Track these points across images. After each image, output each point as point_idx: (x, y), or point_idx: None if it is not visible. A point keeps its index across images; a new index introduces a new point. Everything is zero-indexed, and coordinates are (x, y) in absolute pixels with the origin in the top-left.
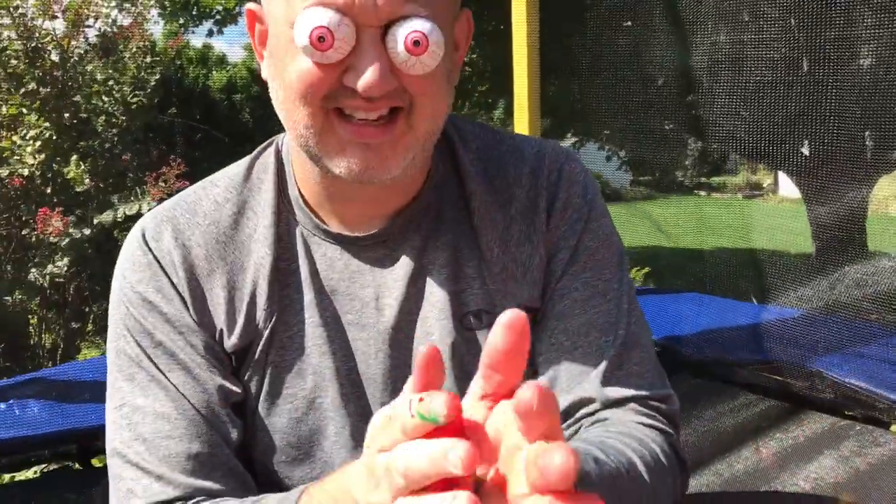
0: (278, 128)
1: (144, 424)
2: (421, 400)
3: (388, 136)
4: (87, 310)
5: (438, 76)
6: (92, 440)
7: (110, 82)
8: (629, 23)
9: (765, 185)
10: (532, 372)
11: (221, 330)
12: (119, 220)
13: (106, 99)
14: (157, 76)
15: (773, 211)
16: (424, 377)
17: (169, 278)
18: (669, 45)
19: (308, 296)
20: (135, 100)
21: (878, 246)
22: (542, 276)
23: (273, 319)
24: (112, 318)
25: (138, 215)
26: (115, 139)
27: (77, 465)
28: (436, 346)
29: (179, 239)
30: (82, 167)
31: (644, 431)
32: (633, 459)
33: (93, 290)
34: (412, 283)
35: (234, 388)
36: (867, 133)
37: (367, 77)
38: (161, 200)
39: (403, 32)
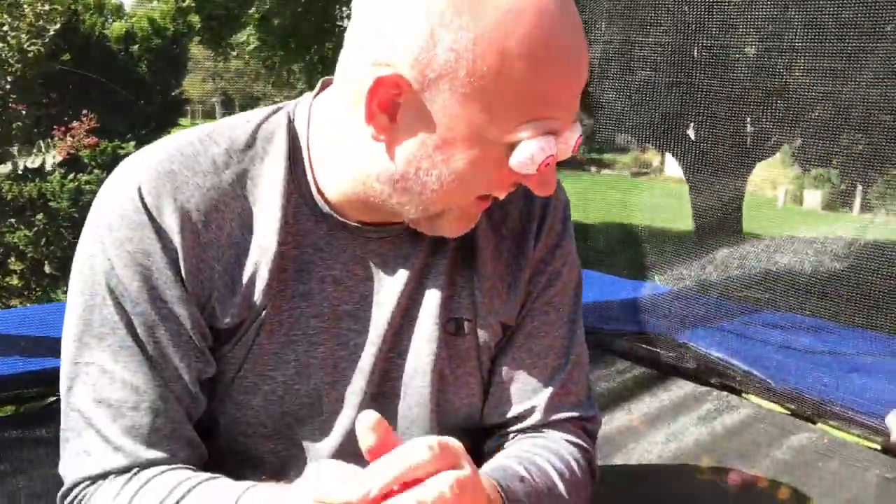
0: (174, 81)
1: (112, 391)
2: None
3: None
4: None
5: None
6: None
7: (5, 27)
8: None
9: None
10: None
11: (214, 303)
12: (19, 172)
13: (0, 45)
14: (57, 25)
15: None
16: (379, 449)
17: (163, 243)
18: None
19: (308, 284)
20: (32, 48)
21: (752, 227)
22: (523, 295)
23: (269, 305)
24: (87, 267)
25: (41, 169)
26: (9, 87)
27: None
28: (374, 413)
29: (179, 199)
30: None
31: (569, 449)
32: (553, 478)
33: None
34: (413, 282)
35: (209, 367)
36: (748, 120)
37: (551, 185)
38: (69, 155)
39: (575, 136)
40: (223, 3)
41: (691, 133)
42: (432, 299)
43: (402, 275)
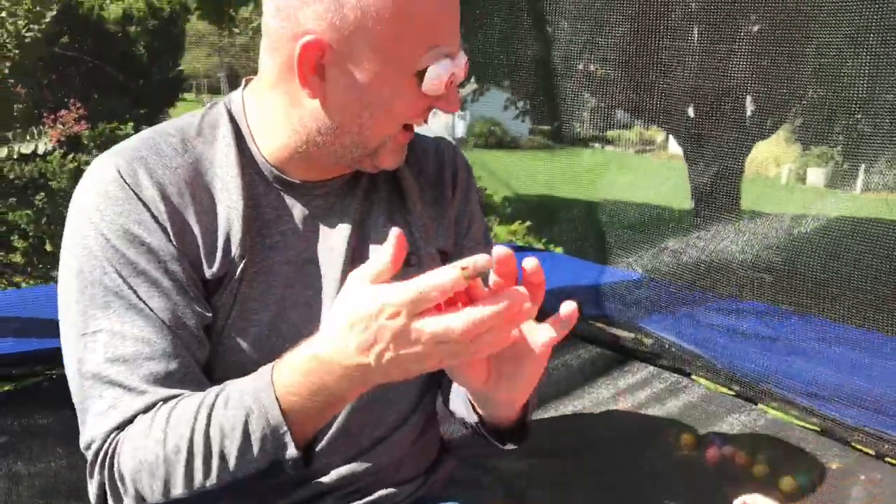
0: (172, 61)
1: (125, 347)
2: (464, 268)
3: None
4: None
5: None
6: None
7: (3, 13)
8: None
9: (657, 142)
10: None
11: (201, 259)
12: (14, 157)
13: None
14: (54, 11)
15: (662, 167)
16: (398, 252)
17: (150, 211)
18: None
19: (274, 238)
20: (29, 34)
21: (751, 206)
22: (451, 231)
23: (245, 258)
24: (79, 249)
25: (34, 154)
26: (6, 71)
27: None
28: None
29: (154, 177)
30: None
31: None
32: None
33: None
34: (358, 226)
35: (206, 313)
36: (748, 99)
37: (456, 103)
38: (60, 142)
39: (462, 61)
40: None
41: (691, 111)
42: (378, 239)
43: (346, 223)
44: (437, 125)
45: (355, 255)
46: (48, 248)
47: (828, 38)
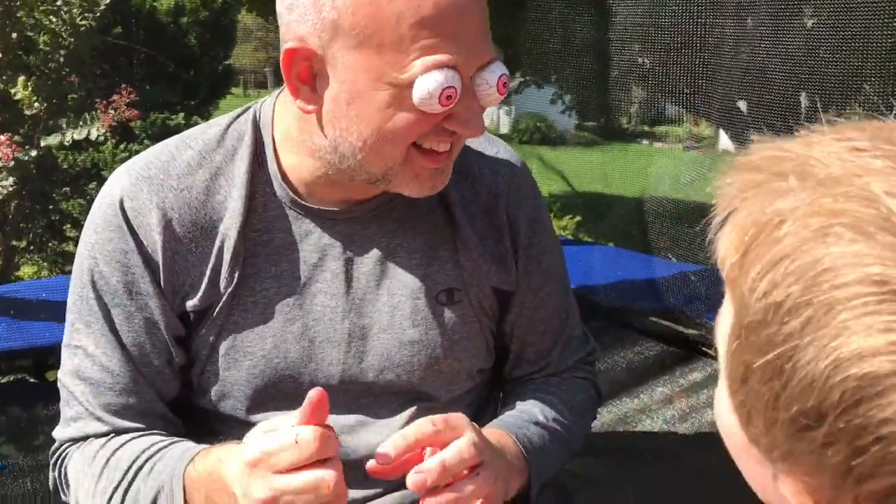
0: (223, 53)
1: (92, 371)
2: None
3: (450, 160)
4: (26, 228)
5: None
6: (47, 356)
7: (58, 2)
8: None
9: (706, 137)
10: (496, 340)
11: (187, 289)
12: (66, 143)
13: (53, 19)
14: (108, 0)
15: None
16: (312, 415)
17: (139, 243)
18: None
19: (279, 266)
20: (83, 22)
21: None
22: (510, 265)
23: (234, 284)
24: (80, 262)
25: (87, 140)
26: (62, 60)
27: (32, 379)
28: (323, 390)
29: (154, 200)
30: (29, 88)
31: (578, 384)
32: (565, 414)
33: (33, 209)
34: (383, 259)
35: (180, 352)
36: (802, 94)
37: (473, 124)
38: (111, 128)
39: (494, 77)
40: None
41: (742, 106)
42: (408, 275)
43: (372, 253)
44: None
45: (375, 291)
46: None
47: (883, 30)
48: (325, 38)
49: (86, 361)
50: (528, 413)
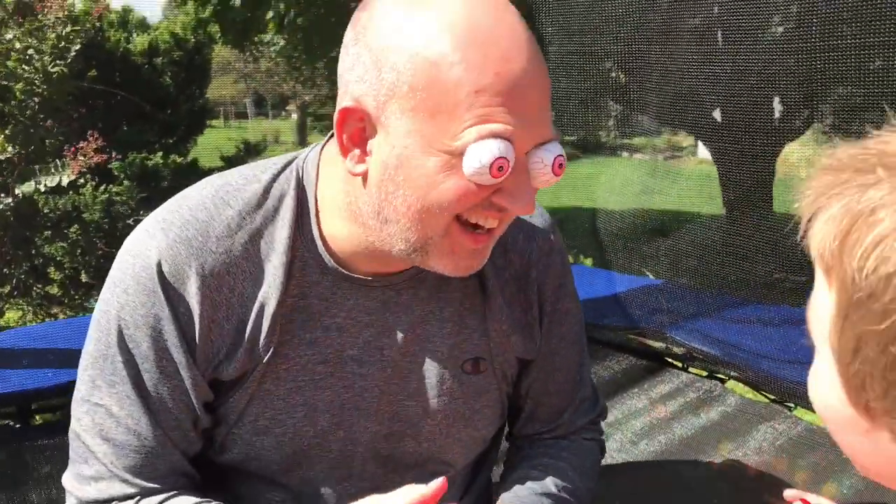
0: (199, 91)
1: (117, 433)
2: None
3: (491, 241)
4: (10, 273)
5: None
6: (31, 402)
7: (30, 51)
8: None
9: (685, 147)
10: (510, 400)
11: (222, 357)
12: (42, 190)
13: (26, 67)
14: (79, 46)
15: (692, 173)
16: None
17: (174, 311)
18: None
19: (314, 333)
20: (55, 69)
21: (783, 209)
22: (536, 334)
23: (271, 352)
24: (105, 319)
25: (59, 187)
26: (36, 107)
27: (16, 425)
28: (445, 481)
29: (193, 266)
30: (2, 136)
31: (587, 446)
32: (574, 480)
33: (15, 255)
34: (415, 327)
35: (207, 416)
36: (776, 100)
37: (525, 201)
38: (81, 174)
39: (551, 156)
40: (243, 11)
41: (717, 115)
42: (439, 342)
43: (405, 321)
44: None
45: (404, 358)
46: (83, 278)
47: (854, 33)
48: (381, 99)
49: (109, 421)
50: (542, 485)
